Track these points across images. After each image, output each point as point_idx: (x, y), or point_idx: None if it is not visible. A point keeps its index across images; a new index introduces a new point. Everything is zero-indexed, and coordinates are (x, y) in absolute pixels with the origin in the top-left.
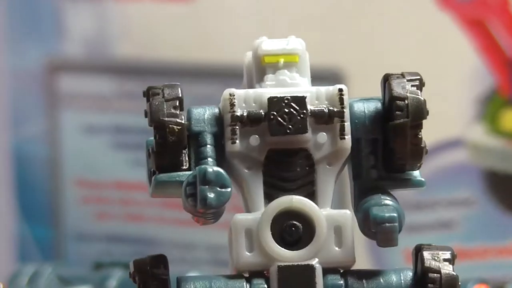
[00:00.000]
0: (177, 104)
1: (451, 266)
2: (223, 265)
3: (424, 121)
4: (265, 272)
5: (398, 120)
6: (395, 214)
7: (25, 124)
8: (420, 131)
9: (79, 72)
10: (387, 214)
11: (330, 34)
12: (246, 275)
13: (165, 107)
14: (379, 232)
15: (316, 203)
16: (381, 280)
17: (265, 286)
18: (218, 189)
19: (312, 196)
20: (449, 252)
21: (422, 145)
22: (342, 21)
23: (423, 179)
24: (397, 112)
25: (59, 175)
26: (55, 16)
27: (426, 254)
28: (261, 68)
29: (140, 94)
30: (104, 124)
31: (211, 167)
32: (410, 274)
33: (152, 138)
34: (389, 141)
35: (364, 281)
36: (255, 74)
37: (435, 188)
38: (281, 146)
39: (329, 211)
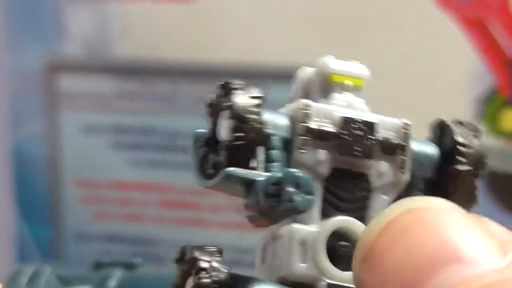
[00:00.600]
0: (260, 102)
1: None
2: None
3: (424, 121)
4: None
5: (461, 166)
6: None
7: (25, 124)
8: (478, 181)
9: (79, 72)
10: None
11: (330, 34)
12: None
13: (249, 103)
14: None
15: None
16: None
17: None
18: (305, 194)
19: (362, 220)
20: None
21: (477, 194)
22: (342, 22)
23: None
24: (459, 158)
25: (59, 175)
26: (55, 16)
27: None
28: (328, 86)
29: (140, 94)
30: (104, 124)
31: (300, 172)
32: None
33: (201, 130)
34: (443, 184)
35: None
36: (319, 90)
37: None
38: (345, 166)
39: None
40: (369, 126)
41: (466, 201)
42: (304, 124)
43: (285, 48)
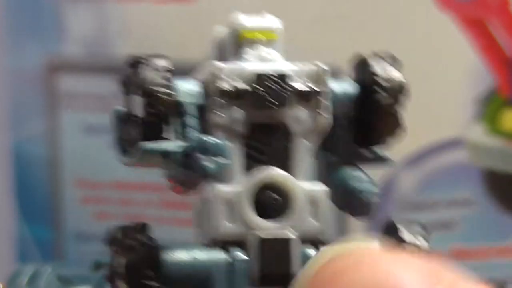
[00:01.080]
0: (168, 75)
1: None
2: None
3: (423, 121)
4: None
5: (381, 98)
6: (372, 187)
7: (25, 124)
8: (400, 109)
9: (79, 72)
10: (365, 187)
11: (330, 34)
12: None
13: (157, 77)
14: (357, 204)
15: (293, 177)
16: None
17: (245, 256)
18: (216, 158)
19: (289, 169)
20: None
21: (400, 123)
22: (341, 21)
23: (392, 159)
24: (378, 90)
25: (59, 175)
26: (55, 16)
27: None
28: (239, 43)
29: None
30: (104, 124)
31: (209, 137)
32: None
33: (120, 107)
34: (367, 119)
35: None
36: (232, 48)
37: (435, 188)
38: (262, 120)
39: (306, 184)
40: (282, 77)
41: (391, 131)
42: (215, 86)
43: (285, 48)
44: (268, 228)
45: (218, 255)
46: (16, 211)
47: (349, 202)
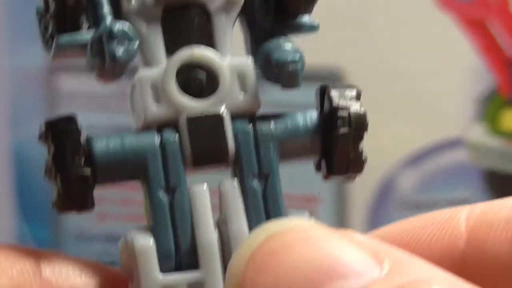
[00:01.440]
0: None
1: (358, 103)
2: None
3: (423, 121)
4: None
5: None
6: (297, 56)
7: (25, 124)
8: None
9: (79, 72)
10: (289, 56)
11: (330, 34)
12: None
13: None
14: (283, 74)
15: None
16: (288, 122)
17: (176, 136)
18: (126, 43)
19: (212, 46)
20: (355, 89)
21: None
22: (342, 21)
23: (315, 24)
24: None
25: None
26: None
27: (334, 93)
28: None
29: None
30: (104, 124)
31: (116, 23)
32: (315, 114)
33: (41, 4)
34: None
35: (271, 123)
36: None
37: (435, 188)
38: (177, 1)
39: (230, 59)
40: None
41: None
42: None
43: None
44: (196, 106)
45: (148, 139)
46: (16, 211)
47: (276, 73)
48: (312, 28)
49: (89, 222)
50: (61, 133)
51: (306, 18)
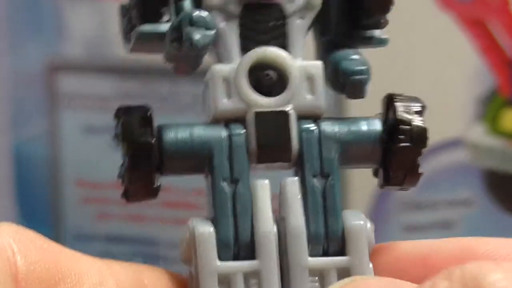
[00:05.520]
0: None
1: (421, 118)
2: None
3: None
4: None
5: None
6: (365, 67)
7: (26, 124)
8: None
9: (79, 72)
10: (357, 67)
11: None
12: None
13: None
14: (348, 84)
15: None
16: (352, 127)
17: (243, 130)
18: (204, 30)
19: (284, 48)
20: (420, 104)
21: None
22: None
23: (385, 38)
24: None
25: (59, 175)
26: (55, 16)
27: (399, 106)
28: None
29: (141, 95)
30: (104, 124)
31: (196, 10)
32: (378, 123)
33: (125, 3)
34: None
35: (336, 126)
36: None
37: (435, 188)
38: (255, 0)
39: (301, 61)
40: None
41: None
42: None
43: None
44: (265, 103)
45: (216, 131)
46: (16, 211)
47: (342, 82)
48: (382, 41)
49: (89, 222)
50: (132, 117)
51: (377, 32)
